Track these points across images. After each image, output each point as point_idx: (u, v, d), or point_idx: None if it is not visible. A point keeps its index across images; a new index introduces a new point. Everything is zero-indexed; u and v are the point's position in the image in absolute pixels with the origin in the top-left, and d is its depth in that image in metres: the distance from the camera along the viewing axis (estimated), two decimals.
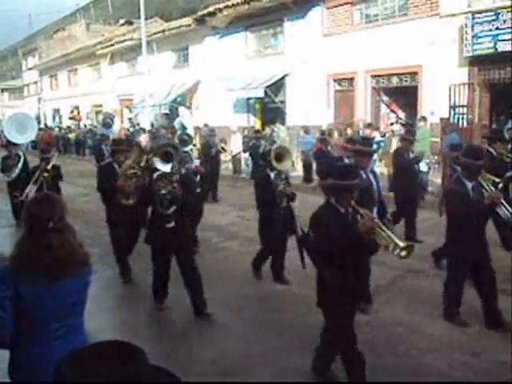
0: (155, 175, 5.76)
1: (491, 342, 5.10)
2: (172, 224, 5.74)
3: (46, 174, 8.72)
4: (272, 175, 6.82)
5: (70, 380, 1.17)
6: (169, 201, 5.67)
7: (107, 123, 14.98)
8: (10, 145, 10.31)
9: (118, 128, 26.99)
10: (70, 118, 34.81)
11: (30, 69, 45.13)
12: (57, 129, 32.36)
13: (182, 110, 23.67)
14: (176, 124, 21.96)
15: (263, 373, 4.61)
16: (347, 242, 3.82)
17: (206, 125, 20.47)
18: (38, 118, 37.02)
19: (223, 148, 13.34)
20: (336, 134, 12.95)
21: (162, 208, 5.69)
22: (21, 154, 10.33)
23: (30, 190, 8.52)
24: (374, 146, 13.31)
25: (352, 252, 3.91)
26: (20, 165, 10.10)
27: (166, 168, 5.71)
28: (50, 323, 2.82)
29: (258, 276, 7.12)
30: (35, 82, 45.11)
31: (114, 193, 6.89)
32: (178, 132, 20.48)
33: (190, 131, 19.67)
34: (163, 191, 5.61)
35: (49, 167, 8.76)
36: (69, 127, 31.68)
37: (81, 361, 1.22)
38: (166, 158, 5.72)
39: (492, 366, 4.68)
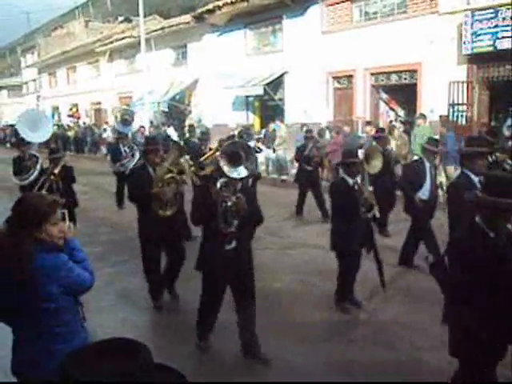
0: (219, 183, 4.54)
1: None
2: (233, 244, 4.63)
3: (52, 177, 7.88)
4: (351, 181, 5.86)
5: (76, 377, 1.18)
6: (232, 215, 4.56)
7: (126, 120, 13.79)
8: (22, 144, 9.17)
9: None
10: (69, 116, 34.78)
11: (29, 66, 45.09)
12: (56, 127, 32.32)
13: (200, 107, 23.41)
14: (194, 121, 21.54)
15: (261, 370, 4.62)
16: (498, 276, 2.99)
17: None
18: None
19: (259, 148, 12.54)
20: (396, 132, 12.13)
21: (226, 225, 4.56)
22: (37, 154, 9.18)
23: None
24: (372, 143, 13.49)
25: (504, 289, 3.03)
26: (38, 166, 8.82)
27: (234, 174, 4.48)
28: (50, 320, 2.85)
29: (344, 311, 5.98)
30: (34, 80, 45.06)
31: (148, 201, 5.79)
32: (197, 130, 20.15)
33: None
34: (229, 203, 4.49)
35: (56, 170, 7.88)
36: (68, 125, 31.65)
37: (87, 357, 1.22)
38: (235, 161, 4.48)
39: None
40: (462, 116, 14.24)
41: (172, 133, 21.57)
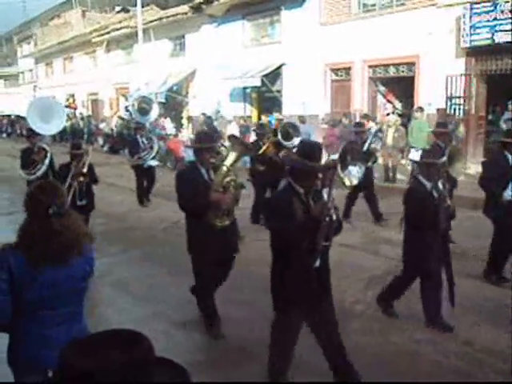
0: (326, 193, 3.76)
1: (484, 332, 5.14)
2: (318, 262, 3.86)
3: (81, 179, 7.18)
4: (429, 185, 5.15)
5: (77, 365, 1.18)
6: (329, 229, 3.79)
7: (143, 109, 12.72)
8: (32, 135, 8.48)
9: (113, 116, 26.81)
10: (66, 106, 34.62)
11: (25, 56, 44.83)
12: None
13: (218, 96, 22.50)
14: (212, 114, 20.76)
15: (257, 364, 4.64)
16: None
17: (203, 114, 20.38)
18: None
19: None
20: (462, 129, 11.29)
21: (325, 241, 3.75)
22: (46, 147, 8.53)
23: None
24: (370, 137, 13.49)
25: None
26: (47, 161, 8.23)
27: (353, 179, 3.88)
28: (56, 307, 2.86)
29: (391, 314, 5.54)
30: (30, 70, 44.83)
31: (206, 211, 4.83)
32: (215, 123, 19.50)
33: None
34: (334, 216, 3.71)
35: (85, 169, 7.21)
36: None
37: (87, 347, 1.23)
38: (345, 162, 3.79)
39: (485, 355, 4.73)
40: (459, 109, 14.23)
41: (168, 124, 21.51)
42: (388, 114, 16.52)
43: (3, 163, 19.11)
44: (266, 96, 21.15)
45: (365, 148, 9.36)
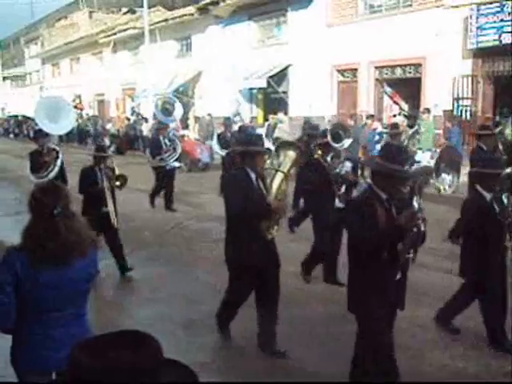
0: (416, 202, 3.51)
1: None
2: (399, 274, 3.70)
3: (118, 183, 6.81)
4: (488, 197, 4.65)
5: (85, 367, 1.19)
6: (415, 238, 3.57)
7: (167, 109, 12.66)
8: (40, 137, 8.07)
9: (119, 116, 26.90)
10: (72, 107, 34.72)
11: (33, 57, 45.06)
12: None
13: (239, 97, 22.19)
14: (232, 115, 20.08)
15: (262, 363, 4.64)
16: None
17: (209, 114, 20.40)
18: None
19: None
20: (510, 129, 11.10)
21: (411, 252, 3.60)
22: (56, 147, 8.17)
23: (112, 213, 6.66)
24: (377, 137, 13.48)
25: None
26: (59, 161, 7.83)
27: (445, 187, 3.71)
28: (60, 309, 2.86)
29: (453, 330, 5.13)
30: (37, 71, 45.04)
31: (260, 219, 4.48)
32: (237, 124, 19.20)
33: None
34: (422, 227, 3.47)
35: (117, 171, 6.87)
36: None
37: (96, 347, 1.23)
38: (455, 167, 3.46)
39: (492, 358, 4.71)
40: (466, 110, 14.20)
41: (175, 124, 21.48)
42: (394, 116, 16.50)
43: (11, 164, 19.20)
44: (272, 97, 21.16)
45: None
